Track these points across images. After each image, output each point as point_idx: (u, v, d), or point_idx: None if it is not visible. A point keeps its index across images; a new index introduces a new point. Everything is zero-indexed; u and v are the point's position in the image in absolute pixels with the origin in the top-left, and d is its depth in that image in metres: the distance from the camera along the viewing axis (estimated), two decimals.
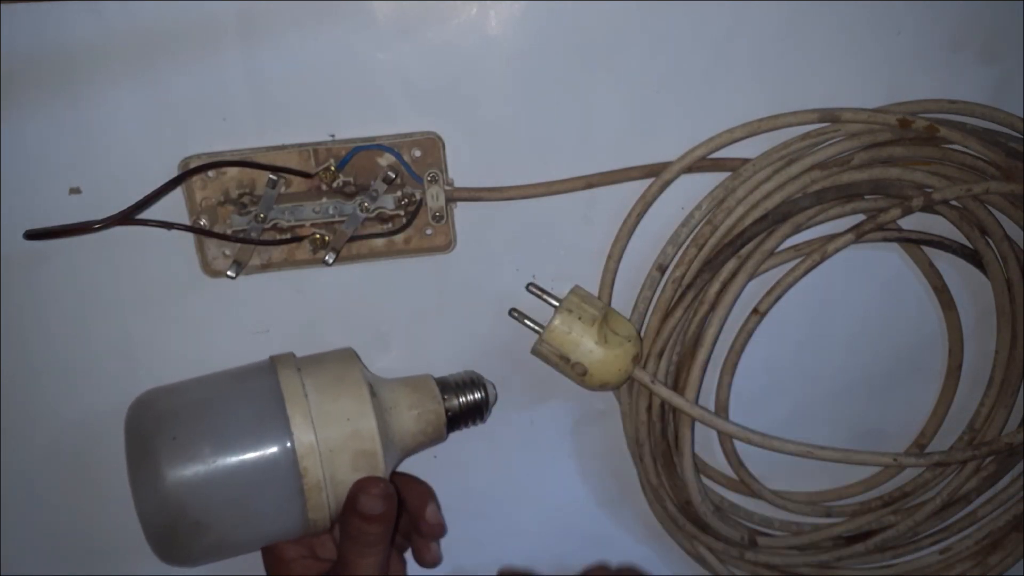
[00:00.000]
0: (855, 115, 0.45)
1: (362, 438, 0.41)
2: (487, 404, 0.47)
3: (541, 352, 0.45)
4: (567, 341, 0.44)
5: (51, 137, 0.43)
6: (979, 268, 0.50)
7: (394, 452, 0.44)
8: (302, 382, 0.41)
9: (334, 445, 0.40)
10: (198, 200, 0.44)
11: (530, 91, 0.45)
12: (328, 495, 0.41)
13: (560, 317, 0.44)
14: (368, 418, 0.41)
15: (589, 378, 0.44)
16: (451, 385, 0.46)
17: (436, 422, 0.45)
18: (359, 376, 0.42)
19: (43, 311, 0.46)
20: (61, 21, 0.41)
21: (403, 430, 0.44)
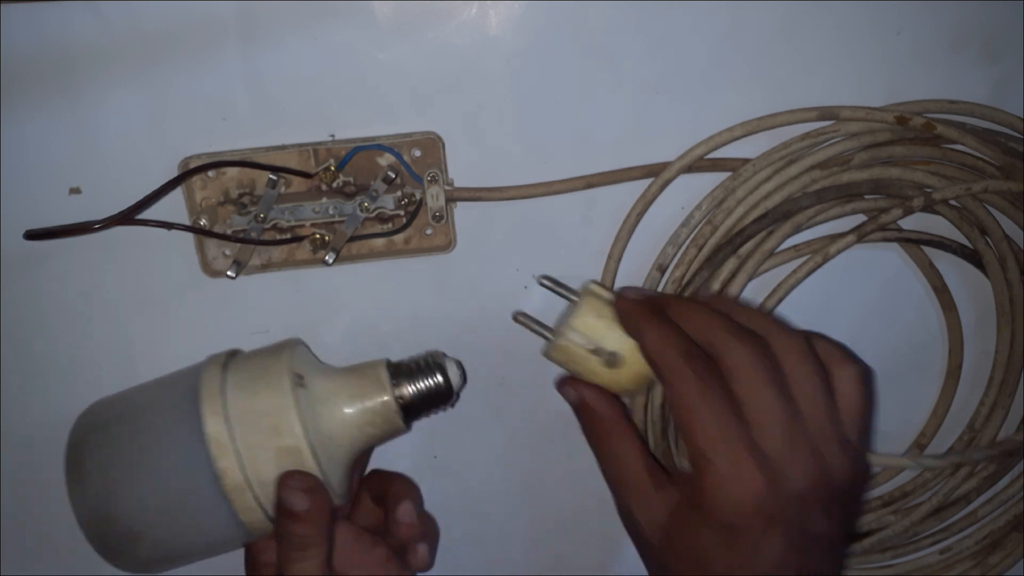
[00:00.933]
0: (854, 112, 0.45)
1: (282, 434, 0.38)
2: (450, 387, 0.42)
3: (564, 345, 0.39)
4: (598, 328, 0.39)
5: (51, 137, 0.43)
6: (979, 268, 0.50)
7: (335, 448, 0.40)
8: (223, 379, 0.39)
9: (253, 443, 0.38)
10: (198, 200, 0.44)
11: (530, 91, 0.45)
12: (257, 496, 0.38)
13: (588, 302, 0.40)
14: (287, 412, 0.38)
15: (622, 370, 0.39)
16: (404, 370, 0.42)
17: (385, 412, 0.41)
18: (283, 367, 0.39)
19: (43, 311, 0.46)
20: (61, 21, 0.41)
21: (344, 423, 0.40)
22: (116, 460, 0.38)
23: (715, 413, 0.33)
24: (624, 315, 0.38)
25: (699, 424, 0.34)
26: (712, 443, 0.33)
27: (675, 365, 0.35)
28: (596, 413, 0.39)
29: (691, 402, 0.34)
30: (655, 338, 0.36)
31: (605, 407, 0.39)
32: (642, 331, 0.37)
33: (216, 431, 0.37)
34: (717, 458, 0.33)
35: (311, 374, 0.41)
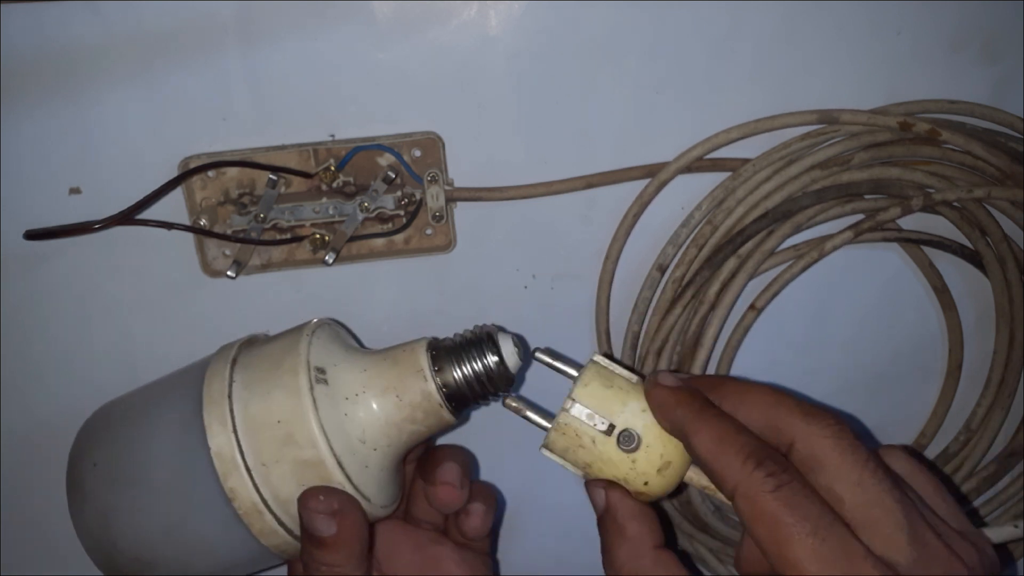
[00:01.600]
0: (854, 116, 0.45)
1: (299, 444, 0.31)
2: (505, 369, 0.35)
3: (565, 424, 0.31)
4: (607, 399, 0.31)
5: (51, 137, 0.43)
6: (979, 268, 0.50)
7: (369, 453, 0.34)
8: (230, 378, 0.33)
9: (267, 456, 0.32)
10: (198, 200, 0.44)
11: (530, 91, 0.45)
12: (278, 517, 0.32)
13: (594, 369, 0.32)
14: (304, 418, 0.32)
15: (641, 456, 0.31)
16: (449, 350, 0.35)
17: (427, 405, 0.34)
18: (298, 361, 0.33)
19: (43, 311, 0.46)
20: (61, 21, 0.41)
21: (377, 422, 0.34)
22: (115, 478, 0.34)
23: (814, 525, 0.26)
24: (662, 407, 0.31)
25: (799, 545, 0.26)
26: (825, 564, 0.25)
27: (744, 471, 0.27)
28: (625, 531, 0.30)
29: (778, 517, 0.26)
30: (710, 437, 0.29)
31: (637, 524, 0.30)
32: (690, 429, 0.29)
33: (221, 445, 0.32)
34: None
35: (335, 364, 0.34)
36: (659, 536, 0.30)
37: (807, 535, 0.26)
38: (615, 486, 0.31)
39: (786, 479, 0.27)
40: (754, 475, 0.27)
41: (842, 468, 0.27)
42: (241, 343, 0.36)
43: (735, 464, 0.27)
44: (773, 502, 0.26)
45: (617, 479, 0.31)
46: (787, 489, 0.26)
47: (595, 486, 0.31)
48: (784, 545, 0.26)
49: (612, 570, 0.30)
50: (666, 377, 0.31)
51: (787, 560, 0.26)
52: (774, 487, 0.26)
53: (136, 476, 0.33)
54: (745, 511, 0.27)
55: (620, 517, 0.30)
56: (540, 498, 0.54)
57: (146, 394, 0.37)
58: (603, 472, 0.31)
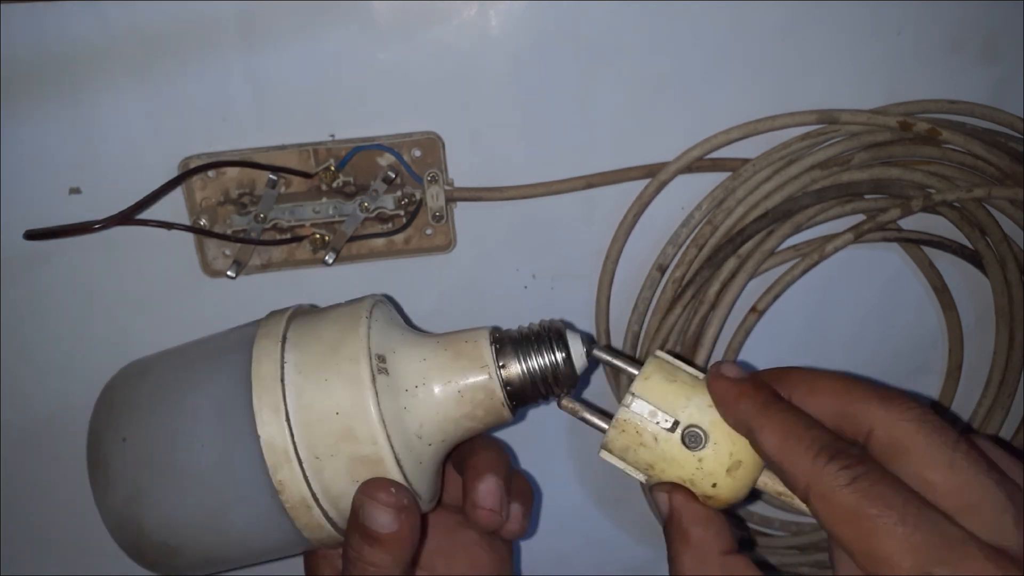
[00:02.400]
0: (854, 116, 0.45)
1: (358, 439, 0.29)
2: (571, 369, 0.32)
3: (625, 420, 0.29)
4: (670, 394, 0.29)
5: (51, 137, 0.43)
6: (979, 268, 0.50)
7: (424, 450, 0.32)
8: (281, 359, 0.30)
9: (321, 450, 0.30)
10: (198, 200, 0.44)
11: (530, 91, 0.45)
12: (327, 511, 0.31)
13: (655, 364, 0.30)
14: (365, 411, 0.29)
15: (708, 455, 0.28)
16: (514, 344, 0.32)
17: (488, 401, 0.32)
18: (360, 346, 0.30)
19: (43, 311, 0.46)
20: (61, 21, 0.41)
21: (436, 416, 0.32)
22: (146, 460, 0.31)
23: (900, 513, 0.23)
24: (724, 401, 0.28)
25: (887, 537, 0.23)
26: (920, 555, 0.23)
27: (815, 468, 0.25)
28: (689, 537, 0.28)
29: (858, 511, 0.24)
30: (777, 433, 0.26)
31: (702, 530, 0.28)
32: (755, 425, 0.27)
33: (273, 435, 0.29)
34: (946, 572, 0.22)
35: (394, 351, 0.32)
36: (728, 541, 0.27)
37: (895, 525, 0.23)
38: (680, 488, 0.29)
39: (862, 470, 0.24)
40: (827, 470, 0.24)
41: (930, 451, 0.24)
42: (289, 316, 0.33)
43: (805, 461, 0.25)
44: (851, 495, 0.24)
45: (683, 481, 0.29)
46: (865, 479, 0.24)
47: (659, 490, 0.29)
48: (870, 540, 0.23)
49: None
50: (729, 368, 0.29)
51: (877, 557, 0.23)
52: (850, 479, 0.24)
53: (172, 459, 0.31)
54: (822, 512, 0.24)
55: (684, 522, 0.28)
56: (540, 498, 0.54)
57: (181, 362, 0.34)
58: (667, 474, 0.29)
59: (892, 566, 0.23)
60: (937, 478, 0.24)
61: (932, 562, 0.22)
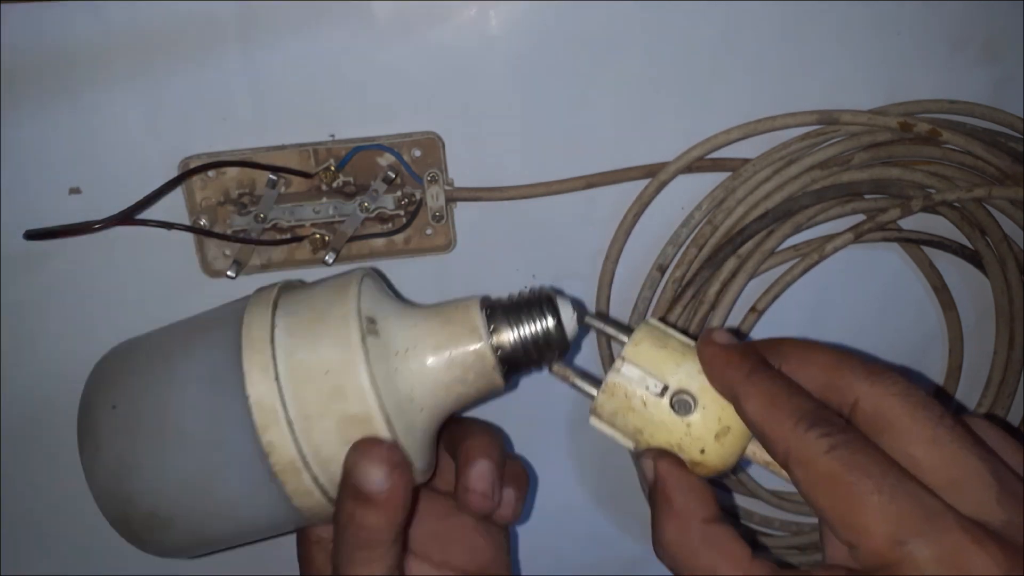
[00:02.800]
0: (854, 117, 0.45)
1: (347, 398, 0.29)
2: (563, 335, 0.33)
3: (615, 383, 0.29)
4: (659, 359, 0.29)
5: (51, 137, 0.43)
6: (979, 268, 0.50)
7: (416, 414, 0.32)
8: (272, 322, 0.31)
9: (311, 409, 0.29)
10: (198, 200, 0.44)
11: (530, 91, 0.45)
12: (315, 476, 0.30)
13: (646, 330, 0.30)
14: (355, 369, 0.29)
15: (697, 420, 0.28)
16: (505, 311, 0.33)
17: (480, 366, 0.32)
18: (350, 308, 0.31)
19: (43, 311, 0.46)
20: (61, 21, 0.41)
21: (427, 381, 0.31)
22: (135, 426, 0.31)
23: (878, 482, 0.23)
24: (712, 366, 0.28)
25: (864, 505, 0.23)
26: (897, 525, 0.22)
27: (796, 434, 0.25)
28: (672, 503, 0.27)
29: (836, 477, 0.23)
30: (760, 400, 0.26)
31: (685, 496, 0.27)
32: (740, 391, 0.27)
33: (262, 394, 0.29)
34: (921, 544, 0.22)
35: (385, 316, 0.32)
36: (711, 509, 0.27)
37: (871, 493, 0.23)
38: (666, 455, 0.28)
39: (843, 438, 0.24)
40: (807, 436, 0.24)
41: (914, 426, 0.24)
42: (280, 286, 0.33)
43: (786, 427, 0.25)
44: (829, 462, 0.24)
45: (671, 447, 0.28)
46: (844, 448, 0.24)
47: (645, 456, 0.28)
48: (847, 508, 0.23)
49: (660, 547, 0.27)
50: (720, 335, 0.29)
51: (852, 526, 0.23)
52: (829, 447, 0.24)
53: (160, 423, 0.31)
54: (801, 478, 0.24)
55: (668, 488, 0.27)
56: (540, 498, 0.54)
57: (173, 335, 0.34)
58: (655, 439, 0.28)
59: (867, 535, 0.23)
60: (919, 453, 0.24)
61: (908, 532, 0.22)
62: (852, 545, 0.23)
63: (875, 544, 0.22)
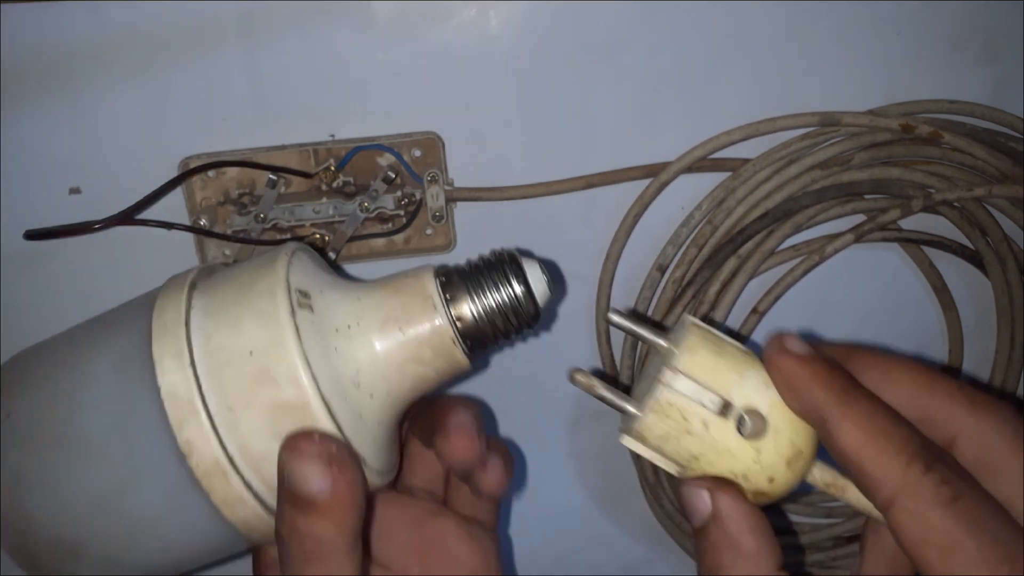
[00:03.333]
0: (856, 119, 0.45)
1: (276, 381, 0.24)
2: (532, 302, 0.28)
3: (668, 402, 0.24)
4: (719, 370, 0.24)
5: (51, 137, 0.43)
6: (979, 268, 0.50)
7: (364, 401, 0.27)
8: (187, 304, 0.26)
9: (234, 399, 0.25)
10: (198, 200, 0.44)
11: (530, 91, 0.45)
12: (247, 480, 0.25)
13: (696, 334, 0.25)
14: (283, 347, 0.25)
15: (770, 448, 0.24)
16: (462, 278, 0.28)
17: (436, 342, 0.27)
18: (276, 281, 0.26)
19: (43, 311, 0.46)
20: (61, 21, 0.41)
21: (376, 360, 0.27)
22: (32, 436, 0.26)
23: (1009, 553, 0.20)
24: (793, 384, 0.24)
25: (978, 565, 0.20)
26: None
27: (908, 476, 0.21)
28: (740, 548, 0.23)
29: (958, 540, 0.20)
30: (860, 428, 0.22)
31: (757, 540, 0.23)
32: (833, 415, 0.23)
33: (175, 384, 0.24)
34: None
35: (321, 291, 0.27)
36: (780, 555, 0.23)
37: (999, 564, 0.20)
38: (725, 485, 0.24)
39: (964, 489, 0.20)
40: (923, 481, 0.21)
41: None
42: (199, 268, 0.29)
43: (895, 466, 0.21)
44: (949, 519, 0.20)
45: (734, 475, 0.24)
46: (967, 501, 0.20)
47: (696, 486, 0.24)
48: (962, 572, 0.20)
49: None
50: (794, 343, 0.24)
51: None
52: (950, 498, 0.20)
53: (60, 430, 0.26)
54: (908, 527, 0.21)
55: (735, 530, 0.23)
56: (540, 498, 0.54)
57: (79, 332, 0.30)
58: (714, 467, 0.24)
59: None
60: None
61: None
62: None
63: None
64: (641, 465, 0.50)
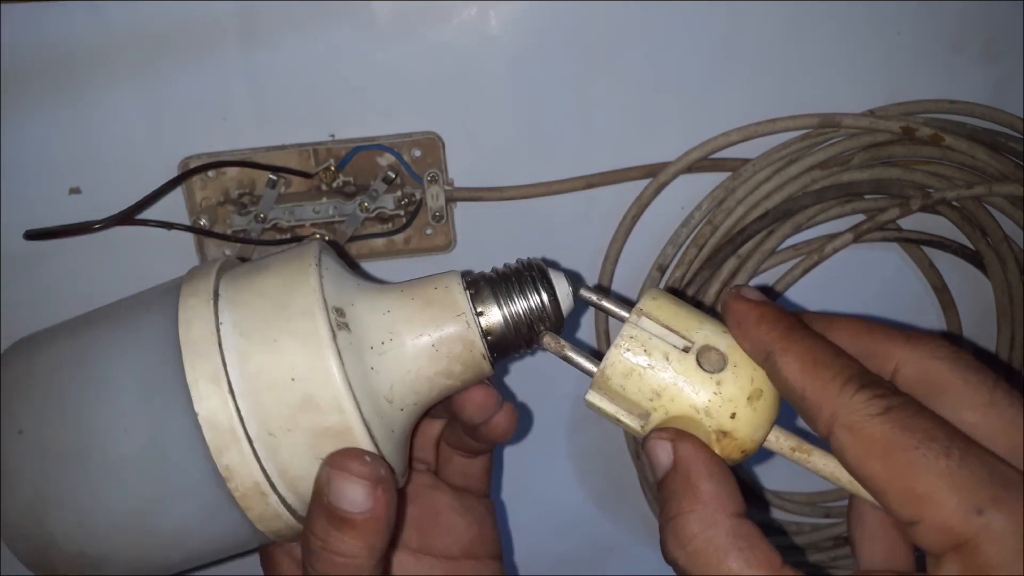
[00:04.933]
0: (856, 121, 0.45)
1: (320, 408, 0.25)
2: (558, 312, 0.28)
3: (635, 336, 0.25)
4: (680, 315, 0.25)
5: (51, 137, 0.43)
6: (979, 268, 0.50)
7: (395, 416, 0.27)
8: (216, 319, 0.25)
9: (275, 425, 0.25)
10: (198, 200, 0.44)
11: (530, 91, 0.45)
12: (284, 498, 0.26)
13: (656, 290, 0.27)
14: (327, 374, 0.25)
15: (730, 380, 0.25)
16: (490, 287, 0.28)
17: (466, 356, 0.27)
18: (314, 298, 0.25)
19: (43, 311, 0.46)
20: (61, 21, 0.41)
21: (408, 377, 0.27)
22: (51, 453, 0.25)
23: (944, 445, 0.20)
24: (742, 323, 0.25)
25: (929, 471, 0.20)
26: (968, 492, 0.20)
27: (844, 397, 0.22)
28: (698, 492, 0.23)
29: (894, 442, 0.21)
30: (801, 359, 0.23)
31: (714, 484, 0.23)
32: (777, 348, 0.24)
33: (215, 410, 0.24)
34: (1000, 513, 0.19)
35: (352, 304, 0.27)
36: (740, 502, 0.23)
37: (937, 457, 0.20)
38: (686, 435, 0.24)
39: (897, 401, 0.21)
40: (857, 397, 0.21)
41: (967, 390, 0.22)
42: (217, 269, 0.27)
43: (832, 388, 0.22)
44: (884, 425, 0.21)
45: (695, 411, 0.24)
46: (902, 410, 0.21)
47: (658, 438, 0.24)
48: (908, 476, 0.20)
49: (677, 542, 0.23)
50: (748, 291, 0.25)
51: (917, 497, 0.20)
52: (883, 408, 0.21)
53: (84, 448, 0.25)
54: (849, 446, 0.21)
55: (693, 474, 0.23)
56: (539, 498, 0.54)
57: (86, 333, 0.28)
58: (675, 403, 0.24)
59: (935, 506, 0.20)
60: (976, 418, 0.22)
61: (984, 500, 0.19)
62: (913, 521, 0.20)
63: (944, 516, 0.20)
64: (641, 464, 0.50)
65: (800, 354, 0.23)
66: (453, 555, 0.33)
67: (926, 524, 0.20)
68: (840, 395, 0.22)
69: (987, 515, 0.19)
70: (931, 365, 0.23)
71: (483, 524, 0.34)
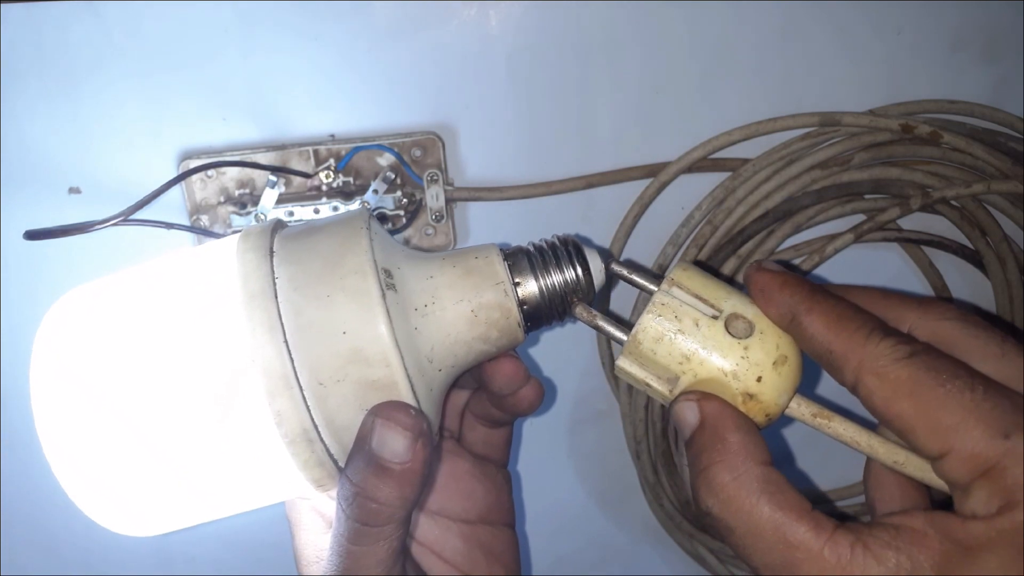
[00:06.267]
0: (856, 119, 0.45)
1: (369, 362, 0.26)
2: (591, 285, 0.30)
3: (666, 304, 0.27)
4: (709, 286, 0.27)
5: (51, 137, 0.43)
6: (979, 268, 0.50)
7: (435, 375, 0.29)
8: (272, 274, 0.27)
9: (326, 375, 0.26)
10: (198, 200, 0.44)
11: (530, 91, 0.45)
12: (329, 447, 0.27)
13: (689, 264, 0.28)
14: (376, 329, 0.26)
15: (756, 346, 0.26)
16: (527, 260, 0.30)
17: (502, 323, 0.29)
18: (366, 259, 0.27)
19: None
20: (61, 21, 0.41)
21: (448, 340, 0.29)
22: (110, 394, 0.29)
23: (968, 381, 0.22)
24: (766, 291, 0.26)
25: (955, 404, 0.21)
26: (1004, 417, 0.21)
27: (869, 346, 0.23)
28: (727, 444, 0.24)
29: (920, 380, 0.22)
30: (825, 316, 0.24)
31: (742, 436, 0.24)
32: (801, 309, 0.25)
33: (270, 357, 0.26)
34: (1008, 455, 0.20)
35: (398, 267, 0.29)
36: (766, 452, 0.24)
37: (962, 391, 0.21)
38: (711, 396, 0.25)
39: (920, 347, 0.23)
40: (882, 344, 0.23)
41: (978, 344, 0.23)
42: (272, 227, 0.30)
43: (857, 339, 0.23)
44: (909, 367, 0.22)
45: (723, 375, 0.26)
46: (924, 354, 0.22)
47: (685, 399, 0.25)
48: (935, 412, 0.21)
49: (710, 491, 0.24)
50: (769, 264, 0.27)
51: (945, 429, 0.21)
52: (909, 353, 0.22)
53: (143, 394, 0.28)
54: (876, 390, 0.23)
55: (720, 427, 0.24)
56: (540, 498, 0.54)
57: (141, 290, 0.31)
58: (704, 367, 0.26)
59: (963, 435, 0.21)
60: (990, 368, 0.23)
61: (1008, 425, 0.20)
62: (942, 453, 0.21)
63: (971, 443, 0.21)
64: (641, 463, 0.50)
65: (824, 312, 0.24)
66: (470, 519, 0.34)
67: (954, 454, 0.21)
68: (866, 344, 0.23)
69: (1013, 439, 0.20)
70: (942, 326, 0.24)
71: (500, 492, 0.35)
